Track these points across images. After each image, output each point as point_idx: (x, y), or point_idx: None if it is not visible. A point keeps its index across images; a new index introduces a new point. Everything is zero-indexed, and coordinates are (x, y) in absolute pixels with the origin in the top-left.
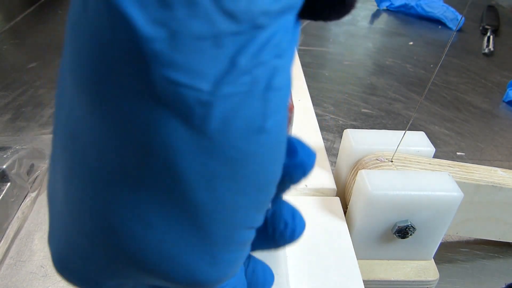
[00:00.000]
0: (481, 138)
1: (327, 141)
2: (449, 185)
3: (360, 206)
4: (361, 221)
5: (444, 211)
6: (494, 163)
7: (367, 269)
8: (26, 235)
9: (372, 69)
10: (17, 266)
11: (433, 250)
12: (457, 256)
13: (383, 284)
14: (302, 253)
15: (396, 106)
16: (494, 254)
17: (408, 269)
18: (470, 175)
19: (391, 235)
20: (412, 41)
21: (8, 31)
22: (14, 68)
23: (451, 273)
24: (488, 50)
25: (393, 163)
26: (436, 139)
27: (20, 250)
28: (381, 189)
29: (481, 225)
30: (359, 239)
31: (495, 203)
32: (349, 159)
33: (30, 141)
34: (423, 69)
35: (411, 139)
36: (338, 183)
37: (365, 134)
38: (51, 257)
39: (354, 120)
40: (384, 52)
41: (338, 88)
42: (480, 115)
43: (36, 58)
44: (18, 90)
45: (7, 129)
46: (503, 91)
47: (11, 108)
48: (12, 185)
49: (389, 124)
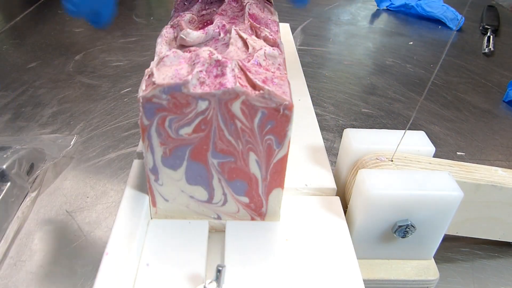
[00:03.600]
0: (481, 138)
1: (327, 141)
2: (449, 184)
3: (360, 206)
4: (361, 221)
5: (444, 211)
6: (494, 163)
7: (367, 269)
8: (26, 235)
9: (372, 69)
10: (17, 266)
11: (433, 249)
12: (457, 256)
13: (383, 283)
14: (302, 253)
15: (396, 106)
16: (494, 254)
17: (408, 268)
18: (470, 174)
19: (391, 234)
20: (412, 41)
21: (8, 31)
22: (14, 68)
23: (451, 273)
24: (488, 50)
25: (393, 163)
26: (436, 139)
27: (20, 250)
28: (381, 188)
29: (481, 225)
30: (359, 239)
31: (495, 202)
32: (349, 159)
33: (30, 141)
34: (423, 69)
35: (411, 138)
36: (338, 182)
37: (365, 134)
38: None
39: (354, 120)
40: (384, 52)
41: (338, 88)
42: (480, 115)
43: (36, 58)
44: (18, 90)
45: (7, 129)
46: (503, 91)
47: (11, 108)
48: (12, 185)
49: (389, 124)
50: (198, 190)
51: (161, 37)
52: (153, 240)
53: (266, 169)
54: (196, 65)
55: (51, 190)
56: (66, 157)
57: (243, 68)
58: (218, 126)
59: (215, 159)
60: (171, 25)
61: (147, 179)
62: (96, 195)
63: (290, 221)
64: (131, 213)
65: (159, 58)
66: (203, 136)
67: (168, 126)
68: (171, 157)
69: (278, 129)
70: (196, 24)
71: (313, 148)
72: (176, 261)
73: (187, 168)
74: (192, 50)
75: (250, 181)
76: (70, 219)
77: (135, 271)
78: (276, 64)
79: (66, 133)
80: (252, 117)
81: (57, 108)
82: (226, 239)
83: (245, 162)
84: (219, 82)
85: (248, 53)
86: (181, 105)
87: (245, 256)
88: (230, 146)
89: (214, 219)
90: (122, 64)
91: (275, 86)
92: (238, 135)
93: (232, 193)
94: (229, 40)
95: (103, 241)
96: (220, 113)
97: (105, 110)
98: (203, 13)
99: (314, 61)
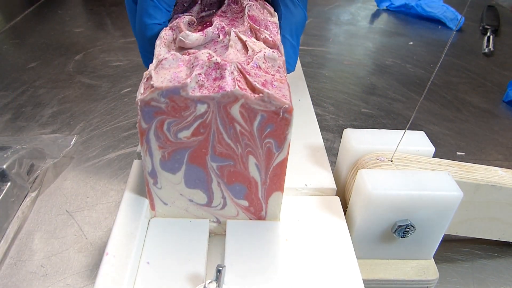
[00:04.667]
0: (481, 138)
1: (327, 141)
2: (449, 184)
3: (360, 206)
4: (361, 221)
5: (444, 211)
6: (494, 163)
7: (367, 269)
8: (26, 235)
9: (372, 69)
10: (17, 266)
11: (433, 249)
12: (457, 255)
13: (383, 283)
14: (302, 253)
15: (396, 106)
16: (494, 254)
17: (408, 268)
18: (470, 174)
19: (391, 234)
20: (412, 41)
21: (8, 31)
22: (14, 68)
23: (451, 272)
24: (488, 50)
25: (393, 163)
26: (436, 139)
27: (20, 250)
28: (381, 188)
29: (481, 224)
30: (359, 239)
31: (495, 202)
32: (349, 159)
33: (30, 141)
34: (423, 69)
35: (411, 138)
36: (338, 182)
37: (365, 134)
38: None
39: (354, 120)
40: (384, 52)
41: (338, 88)
42: (480, 115)
43: (36, 58)
44: (18, 90)
45: (7, 129)
46: (503, 91)
47: (11, 108)
48: (12, 185)
49: (389, 124)
50: (197, 194)
51: (159, 39)
52: (154, 238)
53: (266, 172)
54: (195, 68)
55: (51, 190)
56: (66, 157)
57: (243, 71)
58: (217, 129)
59: (214, 163)
60: (170, 27)
61: (145, 183)
62: (96, 195)
63: (290, 221)
64: (131, 213)
65: (158, 60)
66: (202, 140)
67: (166, 129)
68: (169, 161)
69: (278, 132)
70: (195, 26)
71: (313, 148)
72: (177, 260)
73: (186, 171)
74: (191, 52)
75: (249, 185)
76: (70, 219)
77: (135, 271)
78: (276, 67)
79: (66, 133)
80: (252, 120)
81: (57, 108)
82: (226, 239)
83: (245, 165)
84: (218, 85)
85: (248, 55)
86: (179, 108)
87: (245, 256)
88: (229, 150)
89: (214, 223)
90: (122, 64)
91: (275, 89)
92: (237, 139)
93: (231, 196)
94: (229, 42)
95: (103, 241)
96: (219, 116)
97: (105, 110)
98: (202, 14)
99: (314, 61)
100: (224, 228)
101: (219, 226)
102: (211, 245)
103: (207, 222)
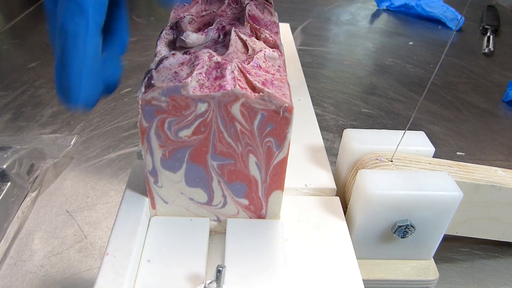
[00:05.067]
0: (481, 138)
1: (327, 141)
2: (449, 184)
3: (360, 206)
4: (361, 221)
5: (443, 211)
6: (494, 163)
7: (367, 269)
8: (26, 235)
9: (372, 69)
10: (17, 266)
11: (432, 249)
12: (457, 255)
13: (383, 283)
14: (302, 253)
15: (396, 106)
16: (493, 254)
17: (408, 268)
18: (470, 174)
19: (391, 234)
20: (412, 41)
21: (8, 31)
22: (14, 68)
23: (451, 272)
24: (488, 50)
25: (393, 163)
26: (436, 139)
27: (20, 250)
28: (381, 188)
29: (481, 225)
30: (359, 239)
31: (494, 202)
32: (349, 159)
33: (30, 141)
34: (423, 69)
35: (411, 139)
36: (338, 182)
37: (365, 134)
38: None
39: (354, 120)
40: (384, 52)
41: (338, 88)
42: (480, 115)
43: (36, 58)
44: (18, 90)
45: (7, 129)
46: (503, 91)
47: (11, 108)
48: (12, 185)
49: (389, 124)
50: (197, 192)
51: (160, 39)
52: (155, 237)
53: (266, 171)
54: (195, 67)
55: (51, 190)
56: (66, 157)
57: (243, 70)
58: (218, 128)
59: (215, 161)
60: (170, 27)
61: (146, 181)
62: (96, 195)
63: (290, 221)
64: (132, 211)
65: (159, 60)
66: (203, 138)
67: (167, 128)
68: (170, 159)
69: (278, 131)
70: (195, 25)
71: (313, 148)
72: (177, 260)
73: (187, 170)
74: (192, 52)
75: (249, 183)
76: (70, 219)
77: (135, 270)
78: (276, 66)
79: (66, 133)
80: (252, 119)
81: (57, 108)
82: (227, 237)
83: (245, 164)
84: (219, 84)
85: (248, 55)
86: (180, 107)
87: (245, 255)
88: (229, 148)
89: (214, 221)
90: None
91: (275, 88)
92: (237, 137)
93: (231, 195)
94: (229, 41)
95: (103, 241)
96: (220, 115)
97: (105, 110)
98: (203, 14)
99: (314, 61)
100: (224, 227)
101: (220, 225)
102: (211, 243)
103: (208, 221)
